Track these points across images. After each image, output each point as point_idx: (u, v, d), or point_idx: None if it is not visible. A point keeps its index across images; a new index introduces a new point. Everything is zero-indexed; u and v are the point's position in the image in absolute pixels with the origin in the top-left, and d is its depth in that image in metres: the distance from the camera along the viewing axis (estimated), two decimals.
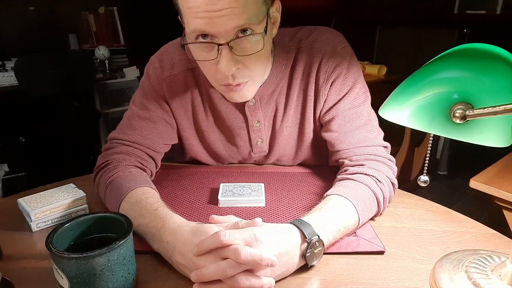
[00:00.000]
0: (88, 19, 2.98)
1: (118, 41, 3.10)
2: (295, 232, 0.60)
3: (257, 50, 0.69)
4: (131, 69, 2.86)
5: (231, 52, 0.67)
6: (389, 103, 0.51)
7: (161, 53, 0.89)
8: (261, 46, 0.69)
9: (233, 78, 0.71)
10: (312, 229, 0.60)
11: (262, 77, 0.81)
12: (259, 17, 0.66)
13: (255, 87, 0.78)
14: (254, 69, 0.73)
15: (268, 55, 0.78)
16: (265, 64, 0.78)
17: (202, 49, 0.69)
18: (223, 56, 0.67)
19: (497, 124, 0.46)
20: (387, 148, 0.83)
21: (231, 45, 0.66)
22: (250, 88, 0.76)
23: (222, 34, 0.65)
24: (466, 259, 0.54)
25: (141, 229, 0.65)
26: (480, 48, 0.46)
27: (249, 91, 0.76)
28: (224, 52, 0.67)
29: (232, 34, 0.65)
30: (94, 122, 2.84)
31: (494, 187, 1.13)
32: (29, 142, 2.61)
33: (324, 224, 0.63)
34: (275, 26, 0.76)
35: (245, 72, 0.72)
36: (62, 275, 0.50)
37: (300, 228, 0.60)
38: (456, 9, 3.22)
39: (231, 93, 0.76)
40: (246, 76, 0.73)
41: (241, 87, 0.74)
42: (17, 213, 0.75)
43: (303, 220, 0.62)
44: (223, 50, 0.67)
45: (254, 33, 0.67)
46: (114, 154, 0.82)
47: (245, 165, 0.99)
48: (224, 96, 0.87)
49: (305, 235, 0.59)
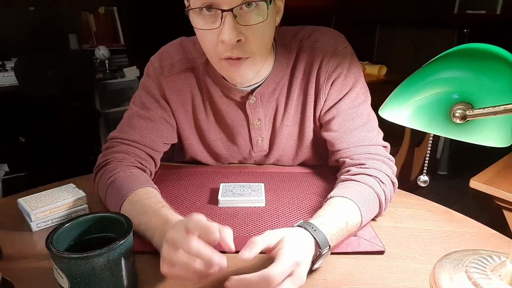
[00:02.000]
0: (88, 19, 2.98)
1: (118, 41, 3.10)
2: (311, 243, 0.59)
3: (260, 21, 0.70)
4: (131, 69, 2.86)
5: (235, 21, 0.68)
6: (389, 103, 0.51)
7: (161, 53, 0.89)
8: (265, 17, 0.70)
9: (234, 50, 0.71)
10: (325, 238, 0.60)
11: (263, 62, 0.80)
12: None
13: (255, 67, 0.77)
14: (256, 45, 0.73)
15: (271, 36, 0.77)
16: (267, 45, 0.77)
17: (206, 20, 0.70)
18: (226, 23, 0.68)
19: (497, 124, 0.46)
20: (387, 148, 0.84)
21: (235, 13, 0.67)
22: (250, 66, 0.75)
23: (227, 1, 0.66)
24: (466, 259, 0.54)
25: (143, 225, 0.65)
26: (480, 48, 0.46)
27: (249, 70, 0.76)
28: (227, 20, 0.67)
29: (236, 2, 0.67)
30: (94, 122, 2.84)
31: (494, 187, 1.13)
32: (29, 142, 2.61)
33: (333, 229, 0.63)
34: (278, 15, 0.77)
35: (247, 47, 0.72)
36: (62, 275, 0.50)
37: (315, 237, 0.59)
38: (456, 9, 3.22)
39: (231, 70, 0.75)
40: (248, 51, 0.73)
41: (241, 63, 0.74)
42: (17, 213, 0.75)
43: (317, 227, 0.61)
44: (226, 18, 0.67)
45: (259, 0, 0.68)
46: (114, 153, 0.82)
47: (245, 165, 0.99)
48: (225, 94, 0.87)
49: (319, 245, 0.59)
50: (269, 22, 0.72)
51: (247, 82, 0.82)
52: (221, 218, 0.75)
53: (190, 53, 0.88)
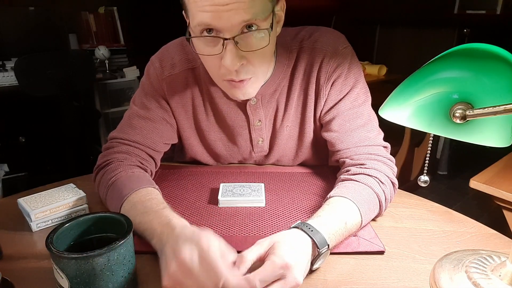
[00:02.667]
0: (88, 19, 2.98)
1: (118, 41, 3.10)
2: (308, 244, 0.59)
3: (262, 46, 0.69)
4: (131, 69, 2.86)
5: (236, 47, 0.67)
6: (389, 103, 0.51)
7: (161, 53, 0.89)
8: (267, 42, 0.69)
9: (236, 73, 0.71)
10: (323, 238, 0.60)
11: (265, 75, 0.81)
12: (265, 13, 0.67)
13: (258, 84, 0.77)
14: (258, 66, 0.73)
15: (272, 52, 0.78)
16: (269, 61, 0.78)
17: (207, 44, 0.70)
18: (228, 51, 0.67)
19: (497, 124, 0.46)
20: (387, 148, 0.84)
21: (236, 40, 0.67)
22: (253, 85, 0.76)
23: (228, 28, 0.65)
24: (466, 259, 0.54)
25: (143, 225, 0.65)
26: (480, 48, 0.46)
27: (252, 88, 0.76)
28: (229, 47, 0.67)
29: (238, 29, 0.66)
30: (94, 122, 2.83)
31: (494, 187, 1.13)
32: (29, 142, 2.61)
33: (332, 229, 0.63)
34: (279, 25, 0.77)
35: (249, 68, 0.72)
36: (62, 275, 0.50)
37: (313, 238, 0.59)
38: (456, 9, 3.22)
39: (234, 90, 0.76)
40: (250, 72, 0.73)
41: (244, 84, 0.74)
42: (17, 213, 0.75)
43: (314, 228, 0.61)
44: (228, 45, 0.67)
45: (260, 29, 0.67)
46: (115, 153, 0.82)
47: (245, 165, 0.99)
48: (226, 95, 0.87)
49: (317, 245, 0.59)
50: (271, 43, 0.71)
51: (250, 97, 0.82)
52: (221, 218, 0.75)
53: (190, 53, 0.87)
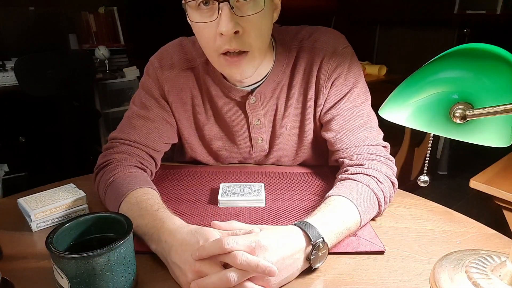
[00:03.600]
0: (88, 19, 2.98)
1: (118, 41, 3.10)
2: (299, 235, 0.59)
3: (257, 11, 0.70)
4: (131, 69, 2.86)
5: (232, 12, 0.68)
6: (389, 103, 0.51)
7: (160, 53, 0.89)
8: (262, 7, 0.70)
9: (232, 43, 0.71)
10: (317, 231, 0.60)
11: (262, 57, 0.79)
12: None
13: (254, 62, 0.77)
14: (254, 37, 0.73)
15: (268, 30, 0.77)
16: (265, 38, 0.77)
17: (203, 14, 0.71)
18: (223, 15, 0.68)
19: (497, 124, 0.46)
20: (387, 148, 0.84)
21: (232, 5, 0.67)
22: (249, 62, 0.75)
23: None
24: (466, 259, 0.54)
25: (140, 229, 0.65)
26: (480, 48, 0.46)
27: (248, 66, 0.76)
28: (224, 11, 0.68)
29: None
30: (94, 122, 2.83)
31: (494, 187, 1.13)
32: (29, 142, 2.61)
33: (328, 226, 0.62)
34: (276, 12, 0.77)
35: (245, 39, 0.72)
36: (62, 275, 0.50)
37: (305, 230, 0.59)
38: (456, 9, 3.22)
39: (230, 68, 0.76)
40: (246, 43, 0.72)
41: (241, 59, 0.74)
42: (17, 213, 0.75)
43: (308, 222, 0.61)
44: (223, 9, 0.68)
45: None
46: (115, 153, 0.82)
47: (245, 165, 0.99)
48: (225, 94, 0.87)
49: (310, 238, 0.58)
50: (266, 14, 0.72)
51: (246, 79, 0.81)
52: (221, 218, 0.75)
53: (190, 53, 0.88)
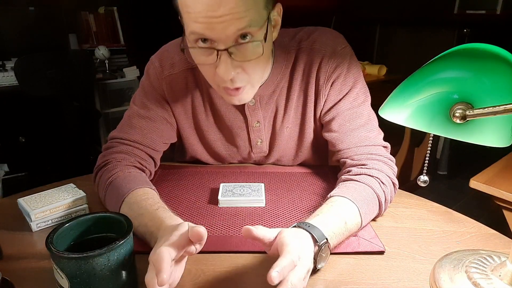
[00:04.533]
0: (88, 19, 2.98)
1: (118, 41, 3.10)
2: (307, 237, 0.59)
3: (256, 56, 0.69)
4: (131, 69, 2.86)
5: (231, 58, 0.67)
6: (389, 103, 0.51)
7: (161, 53, 0.89)
8: (261, 53, 0.69)
9: (231, 82, 0.71)
10: (321, 232, 0.60)
11: (260, 81, 0.80)
12: (259, 23, 0.66)
13: (253, 90, 0.77)
14: (252, 74, 0.73)
15: (268, 59, 0.78)
16: (264, 68, 0.77)
17: (202, 53, 0.69)
18: (222, 61, 0.67)
19: (497, 124, 0.46)
20: (387, 148, 0.84)
21: (230, 51, 0.66)
22: (248, 91, 0.76)
23: (222, 39, 0.65)
24: (466, 259, 0.54)
25: (141, 229, 0.65)
26: (480, 48, 0.46)
27: (247, 95, 0.76)
28: (223, 57, 0.67)
29: (232, 39, 0.65)
30: (94, 122, 2.84)
31: (494, 187, 1.13)
32: (29, 142, 2.61)
33: (331, 226, 0.62)
34: (276, 30, 0.76)
35: (244, 77, 0.72)
36: (62, 275, 0.50)
37: (310, 232, 0.59)
38: (456, 9, 3.22)
39: (229, 97, 0.76)
40: (245, 80, 0.73)
41: (240, 91, 0.74)
42: (17, 213, 0.75)
43: (311, 224, 0.61)
44: (222, 56, 0.67)
45: (254, 40, 0.67)
46: (114, 153, 0.82)
47: (245, 165, 0.99)
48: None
49: (316, 239, 0.58)
50: (265, 52, 0.71)
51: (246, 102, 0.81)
52: (221, 218, 0.75)
53: None
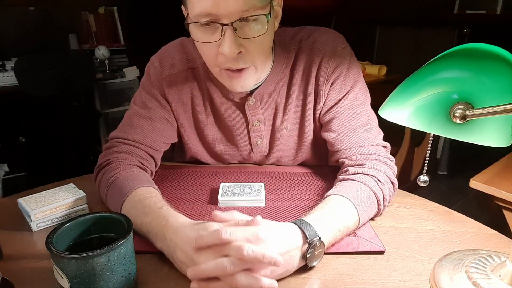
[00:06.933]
0: (88, 19, 2.98)
1: (118, 41, 3.10)
2: (296, 232, 0.60)
3: (260, 33, 0.70)
4: (131, 69, 2.86)
5: (235, 34, 0.68)
6: (389, 103, 0.51)
7: (161, 53, 0.89)
8: (265, 30, 0.70)
9: (234, 62, 0.71)
10: (313, 229, 0.60)
11: (263, 67, 0.80)
12: (263, 2, 0.68)
13: (256, 75, 0.77)
14: (256, 55, 0.73)
15: (271, 43, 0.78)
16: (267, 52, 0.77)
17: (205, 32, 0.70)
18: (227, 37, 0.68)
19: (497, 124, 0.46)
20: (387, 148, 0.84)
21: (235, 27, 0.67)
22: (251, 75, 0.76)
23: (227, 15, 0.66)
24: (466, 259, 0.54)
25: (144, 227, 0.65)
26: (480, 48, 0.46)
27: (250, 80, 0.76)
28: (227, 33, 0.67)
29: (236, 16, 0.66)
30: (94, 122, 2.83)
31: (494, 187, 1.13)
32: (29, 142, 2.61)
33: (325, 224, 0.63)
34: (277, 20, 0.77)
35: (247, 57, 0.72)
36: (62, 275, 0.50)
37: (301, 228, 0.60)
38: (456, 9, 3.22)
39: (232, 81, 0.76)
40: (248, 61, 0.73)
41: (242, 73, 0.74)
42: (17, 213, 0.75)
43: (305, 220, 0.62)
44: (226, 31, 0.67)
45: (258, 14, 0.68)
46: (115, 153, 0.82)
47: (245, 165, 0.99)
48: (224, 95, 0.87)
49: (307, 236, 0.59)
50: (269, 32, 0.72)
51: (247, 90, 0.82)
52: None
53: (190, 53, 0.88)
